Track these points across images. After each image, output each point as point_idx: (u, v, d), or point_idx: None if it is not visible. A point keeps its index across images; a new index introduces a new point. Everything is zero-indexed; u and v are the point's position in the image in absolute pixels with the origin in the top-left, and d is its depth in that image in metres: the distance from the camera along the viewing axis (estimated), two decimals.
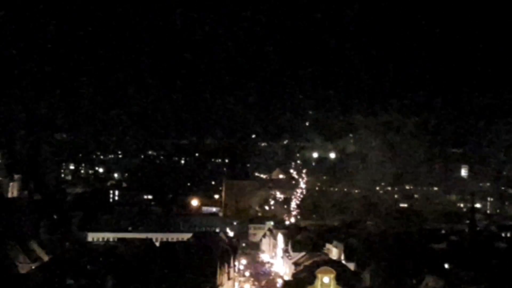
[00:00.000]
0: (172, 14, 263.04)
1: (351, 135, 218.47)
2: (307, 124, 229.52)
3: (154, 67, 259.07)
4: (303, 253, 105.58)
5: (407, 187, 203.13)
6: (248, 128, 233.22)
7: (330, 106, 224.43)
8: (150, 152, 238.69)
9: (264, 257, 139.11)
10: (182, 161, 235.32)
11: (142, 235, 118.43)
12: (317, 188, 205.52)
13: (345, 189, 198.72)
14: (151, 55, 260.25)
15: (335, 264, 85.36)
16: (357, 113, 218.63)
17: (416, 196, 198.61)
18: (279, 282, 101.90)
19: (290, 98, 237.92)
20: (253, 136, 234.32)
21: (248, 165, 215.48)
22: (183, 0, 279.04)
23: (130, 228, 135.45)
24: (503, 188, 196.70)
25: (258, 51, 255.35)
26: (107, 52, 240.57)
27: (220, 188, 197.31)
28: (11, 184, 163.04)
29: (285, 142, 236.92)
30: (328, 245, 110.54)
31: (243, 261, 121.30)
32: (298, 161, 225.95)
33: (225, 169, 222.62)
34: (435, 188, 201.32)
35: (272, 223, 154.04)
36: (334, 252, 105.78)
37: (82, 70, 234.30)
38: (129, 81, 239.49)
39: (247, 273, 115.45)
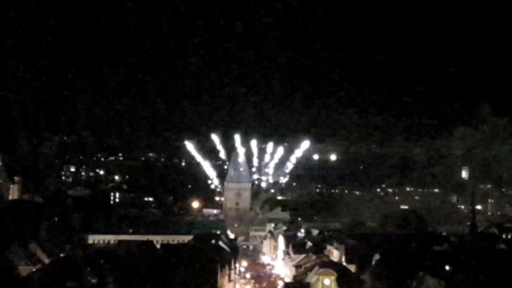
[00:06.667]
0: (176, 12, 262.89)
1: None
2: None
3: (155, 68, 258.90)
4: (304, 255, 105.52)
5: (408, 189, 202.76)
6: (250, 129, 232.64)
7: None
8: (150, 154, 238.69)
9: (265, 259, 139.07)
10: (183, 163, 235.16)
11: (143, 237, 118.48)
12: (317, 191, 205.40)
13: (346, 191, 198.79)
14: (152, 56, 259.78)
15: (336, 266, 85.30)
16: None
17: (416, 198, 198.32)
18: (280, 284, 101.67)
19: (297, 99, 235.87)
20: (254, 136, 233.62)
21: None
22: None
23: (130, 230, 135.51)
24: (503, 189, 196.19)
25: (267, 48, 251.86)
26: (108, 54, 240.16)
27: (221, 190, 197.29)
28: (11, 186, 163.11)
29: (285, 144, 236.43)
30: (329, 247, 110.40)
31: (244, 263, 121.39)
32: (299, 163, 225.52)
33: (226, 170, 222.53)
34: (436, 190, 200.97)
35: (273, 225, 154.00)
36: (335, 254, 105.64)
37: (83, 72, 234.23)
38: (130, 82, 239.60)
39: (248, 275, 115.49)
